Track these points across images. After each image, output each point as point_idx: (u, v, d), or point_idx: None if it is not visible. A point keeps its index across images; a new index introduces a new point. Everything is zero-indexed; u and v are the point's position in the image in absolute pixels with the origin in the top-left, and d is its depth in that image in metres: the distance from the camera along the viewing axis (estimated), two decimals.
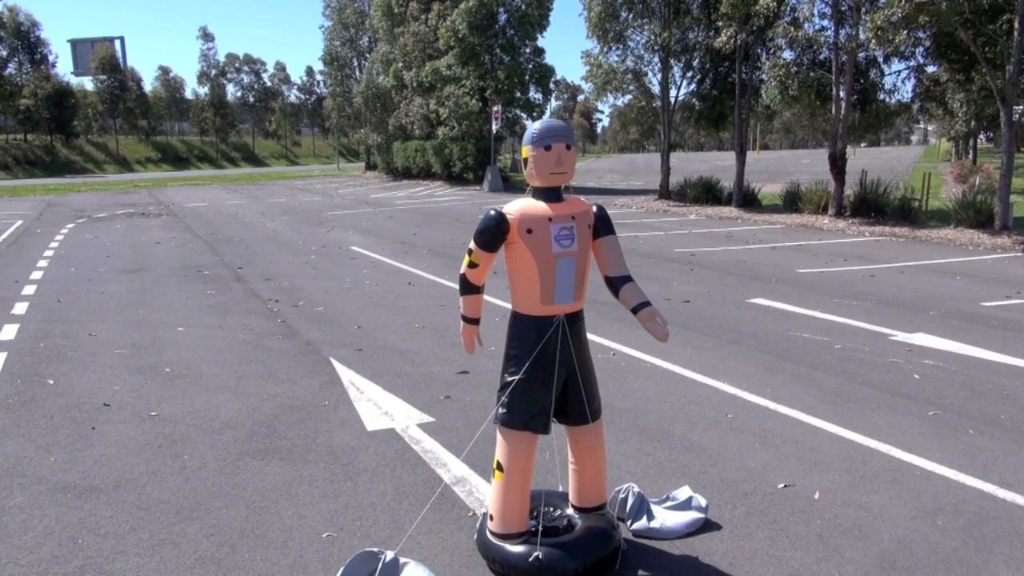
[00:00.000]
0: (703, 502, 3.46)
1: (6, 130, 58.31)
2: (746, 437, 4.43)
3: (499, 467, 3.02)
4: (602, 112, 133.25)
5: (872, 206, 16.27)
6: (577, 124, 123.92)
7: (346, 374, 5.71)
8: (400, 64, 35.95)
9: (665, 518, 3.34)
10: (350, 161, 73.24)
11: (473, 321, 3.15)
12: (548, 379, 2.94)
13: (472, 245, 2.95)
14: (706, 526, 3.39)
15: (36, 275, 10.32)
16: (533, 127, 2.88)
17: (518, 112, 34.17)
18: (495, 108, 28.89)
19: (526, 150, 2.88)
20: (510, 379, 2.97)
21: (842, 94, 16.00)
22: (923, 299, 8.28)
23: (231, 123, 73.06)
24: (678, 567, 3.09)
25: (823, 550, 3.20)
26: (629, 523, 3.35)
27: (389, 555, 2.82)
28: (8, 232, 15.64)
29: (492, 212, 2.88)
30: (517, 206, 2.90)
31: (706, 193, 21.13)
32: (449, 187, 32.35)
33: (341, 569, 2.87)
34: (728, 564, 3.10)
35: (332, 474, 3.96)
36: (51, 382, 5.54)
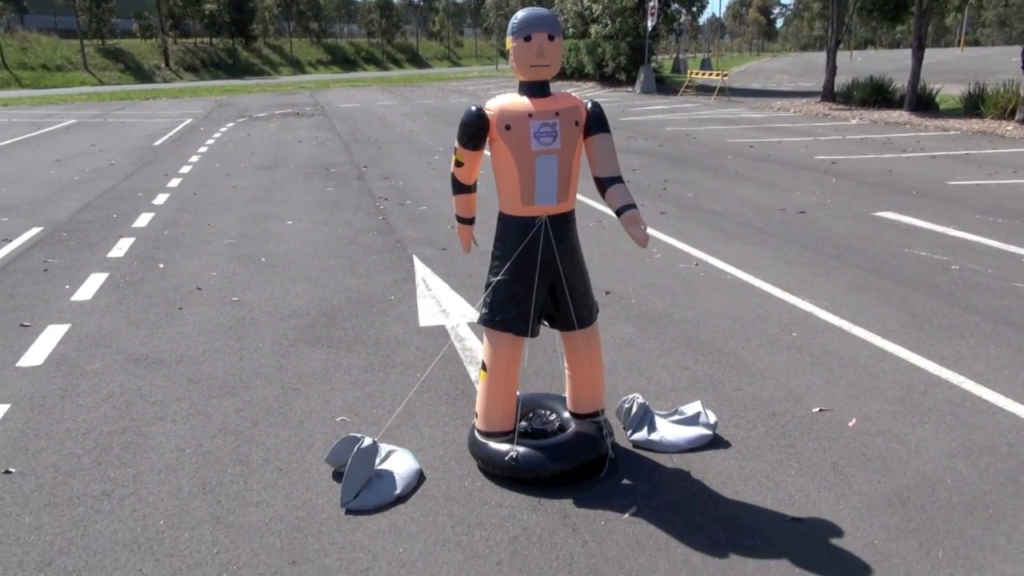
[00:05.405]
0: (712, 419, 3.31)
1: (194, 34, 62.59)
2: (801, 357, 4.15)
3: (484, 367, 3.03)
4: (785, 6, 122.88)
5: None
6: (753, 20, 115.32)
7: (421, 271, 5.87)
8: None
9: (667, 431, 3.24)
10: None
11: (467, 221, 3.11)
12: (530, 281, 2.87)
13: (456, 143, 2.87)
14: (712, 443, 3.25)
15: (185, 169, 11.25)
16: (515, 16, 2.71)
17: (677, 7, 32.27)
18: (651, 3, 27.30)
19: (508, 41, 2.73)
20: (493, 279, 2.93)
21: None
22: None
23: (396, 24, 74.48)
24: (664, 479, 3.00)
25: (831, 479, 2.98)
26: (629, 433, 3.28)
27: (367, 440, 2.94)
28: (175, 130, 17.05)
29: (472, 108, 2.78)
30: (498, 102, 2.78)
31: (875, 95, 19.20)
32: (601, 88, 31.46)
33: (330, 449, 3.05)
34: (720, 483, 2.97)
35: (369, 364, 4.14)
36: (161, 266, 6.12)
